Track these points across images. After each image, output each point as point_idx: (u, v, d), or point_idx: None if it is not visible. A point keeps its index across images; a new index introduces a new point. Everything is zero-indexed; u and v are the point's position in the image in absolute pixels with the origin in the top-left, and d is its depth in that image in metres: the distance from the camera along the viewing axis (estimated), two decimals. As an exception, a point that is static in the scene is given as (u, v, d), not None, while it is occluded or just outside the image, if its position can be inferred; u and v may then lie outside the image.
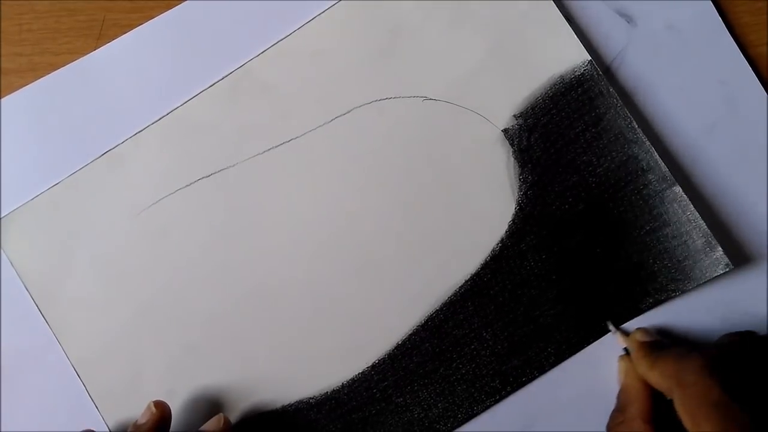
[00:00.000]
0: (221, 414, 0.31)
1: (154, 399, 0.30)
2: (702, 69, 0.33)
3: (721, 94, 0.33)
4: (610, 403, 0.32)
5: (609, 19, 0.33)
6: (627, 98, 0.33)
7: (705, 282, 0.31)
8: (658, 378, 0.27)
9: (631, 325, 0.32)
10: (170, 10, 0.34)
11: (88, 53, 0.34)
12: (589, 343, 0.32)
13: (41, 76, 0.33)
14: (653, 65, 0.33)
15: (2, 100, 0.34)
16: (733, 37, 0.33)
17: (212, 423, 0.30)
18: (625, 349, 0.30)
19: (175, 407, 0.32)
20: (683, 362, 0.26)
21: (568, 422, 0.32)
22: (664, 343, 0.29)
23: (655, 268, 0.32)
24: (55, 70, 0.33)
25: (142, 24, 0.34)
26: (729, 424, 0.24)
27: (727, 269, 0.30)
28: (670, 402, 0.26)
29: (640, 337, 0.29)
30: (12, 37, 0.34)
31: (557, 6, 0.33)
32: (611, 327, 0.31)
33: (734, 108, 0.33)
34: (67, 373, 0.33)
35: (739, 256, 0.32)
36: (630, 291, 0.32)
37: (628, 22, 0.33)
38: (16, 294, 0.33)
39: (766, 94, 0.33)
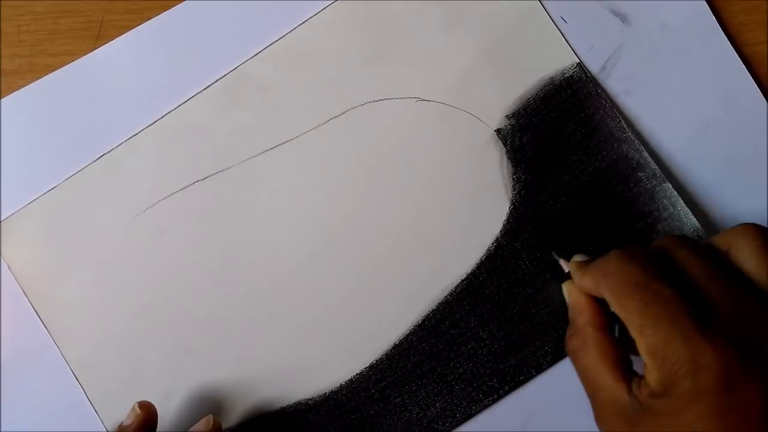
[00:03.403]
0: (210, 415, 0.32)
1: (149, 400, 0.32)
2: (697, 68, 0.35)
3: (715, 94, 0.35)
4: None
5: (603, 19, 0.35)
6: (621, 97, 0.35)
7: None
8: (588, 280, 0.30)
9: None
10: (165, 12, 0.35)
11: (87, 54, 0.36)
12: (586, 342, 0.35)
13: (40, 77, 0.35)
14: (648, 64, 0.35)
15: (1, 101, 0.35)
16: (727, 37, 0.35)
17: (201, 424, 0.32)
18: (569, 273, 0.32)
19: (173, 409, 0.34)
20: (605, 258, 0.29)
21: (567, 421, 0.34)
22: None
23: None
24: (54, 71, 0.35)
25: (139, 25, 0.36)
26: (651, 298, 0.26)
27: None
28: (616, 315, 0.29)
29: (578, 258, 0.32)
30: (10, 38, 0.36)
31: (547, 9, 0.35)
32: (555, 255, 0.34)
33: (729, 107, 0.35)
34: (65, 376, 0.34)
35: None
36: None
37: (623, 21, 0.36)
38: (14, 297, 0.35)
39: (760, 93, 0.35)
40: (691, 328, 0.25)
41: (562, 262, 0.33)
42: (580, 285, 0.31)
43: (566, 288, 0.32)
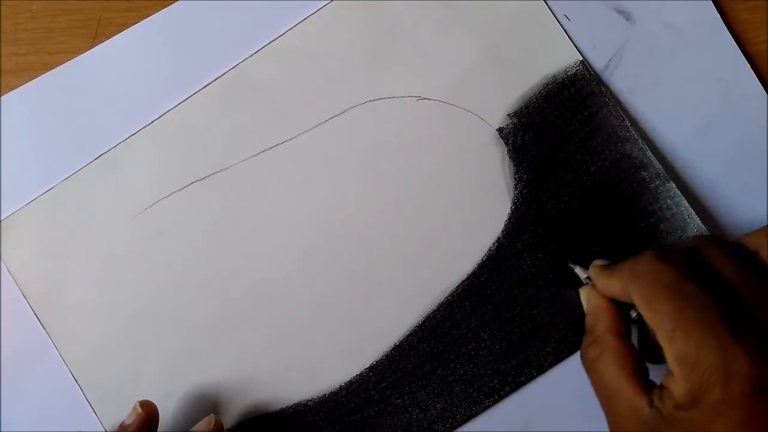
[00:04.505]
0: (212, 415, 0.33)
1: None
2: (700, 66, 0.35)
3: (719, 92, 0.35)
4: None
5: (607, 17, 0.35)
6: (625, 96, 0.35)
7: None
8: (616, 283, 0.29)
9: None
10: (163, 10, 0.36)
11: (84, 52, 0.36)
12: (588, 343, 0.35)
13: (38, 76, 0.36)
14: (652, 62, 0.35)
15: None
16: (731, 35, 0.35)
17: (203, 424, 0.32)
18: (587, 279, 0.32)
19: (173, 410, 0.35)
20: (636, 259, 0.28)
21: (568, 422, 0.34)
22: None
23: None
24: (52, 69, 0.36)
25: (137, 23, 0.36)
26: (684, 301, 0.25)
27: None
28: (637, 321, 0.29)
29: (599, 262, 0.31)
30: (8, 36, 0.36)
31: (550, 7, 0.35)
32: (570, 264, 0.33)
33: (732, 105, 0.35)
34: (64, 377, 0.35)
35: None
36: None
37: (627, 19, 0.36)
38: (13, 298, 0.35)
39: (764, 91, 0.35)
40: (724, 333, 0.24)
41: (578, 270, 0.33)
42: (604, 288, 0.30)
43: (584, 293, 0.31)
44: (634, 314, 0.29)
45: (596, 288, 0.30)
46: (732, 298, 0.26)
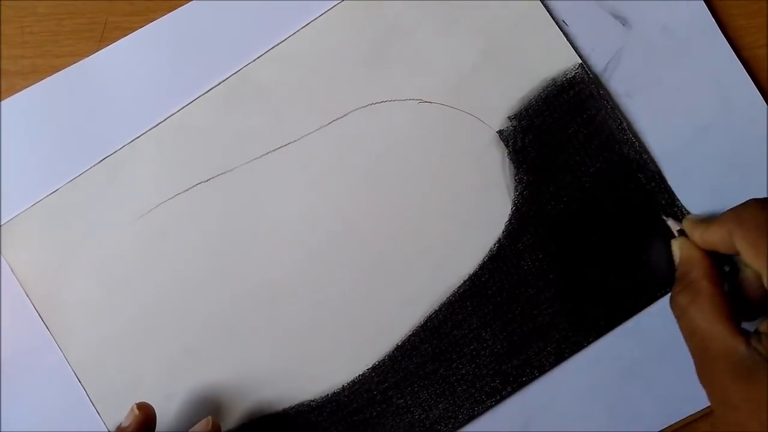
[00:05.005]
0: (210, 417, 0.33)
1: (148, 402, 0.32)
2: (697, 71, 0.36)
3: (715, 96, 0.36)
4: (610, 403, 0.34)
5: (604, 22, 0.36)
6: (622, 100, 0.36)
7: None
8: (716, 232, 0.29)
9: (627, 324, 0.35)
10: (168, 15, 0.36)
11: (90, 56, 0.36)
12: (589, 343, 0.35)
13: (44, 78, 0.36)
14: (648, 67, 0.36)
15: (3, 102, 0.36)
16: (728, 40, 0.36)
17: (201, 426, 0.32)
18: (679, 231, 0.33)
19: (174, 410, 0.35)
20: (738, 208, 0.29)
21: (568, 421, 0.35)
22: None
23: (650, 265, 0.35)
24: (57, 72, 0.36)
25: (142, 27, 0.36)
26: None
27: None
28: (729, 275, 0.29)
29: (692, 216, 0.33)
30: (14, 39, 0.37)
31: (549, 10, 0.36)
32: (663, 216, 0.34)
33: (729, 109, 0.36)
34: (67, 376, 0.35)
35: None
36: (626, 288, 0.35)
37: (623, 24, 0.36)
38: (17, 299, 0.35)
39: (760, 96, 0.36)
40: None
41: (671, 222, 0.33)
42: (701, 238, 0.30)
43: (676, 244, 0.32)
44: (726, 268, 0.29)
45: (691, 239, 0.31)
46: None
